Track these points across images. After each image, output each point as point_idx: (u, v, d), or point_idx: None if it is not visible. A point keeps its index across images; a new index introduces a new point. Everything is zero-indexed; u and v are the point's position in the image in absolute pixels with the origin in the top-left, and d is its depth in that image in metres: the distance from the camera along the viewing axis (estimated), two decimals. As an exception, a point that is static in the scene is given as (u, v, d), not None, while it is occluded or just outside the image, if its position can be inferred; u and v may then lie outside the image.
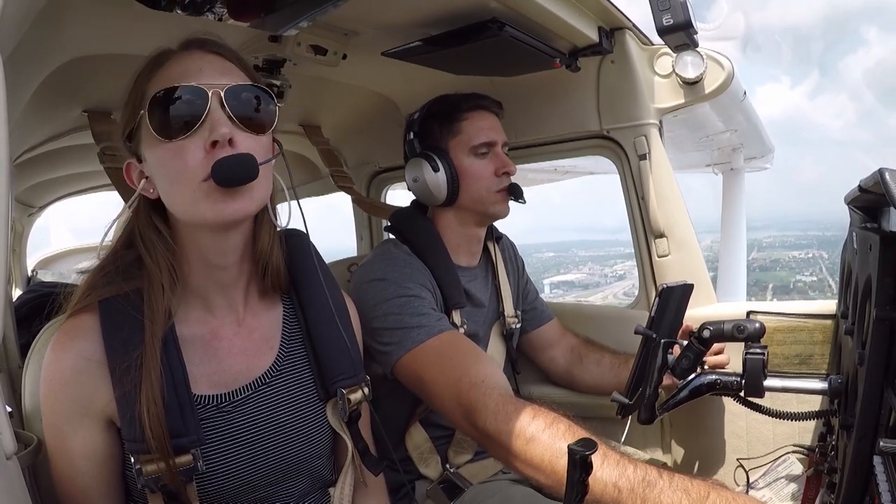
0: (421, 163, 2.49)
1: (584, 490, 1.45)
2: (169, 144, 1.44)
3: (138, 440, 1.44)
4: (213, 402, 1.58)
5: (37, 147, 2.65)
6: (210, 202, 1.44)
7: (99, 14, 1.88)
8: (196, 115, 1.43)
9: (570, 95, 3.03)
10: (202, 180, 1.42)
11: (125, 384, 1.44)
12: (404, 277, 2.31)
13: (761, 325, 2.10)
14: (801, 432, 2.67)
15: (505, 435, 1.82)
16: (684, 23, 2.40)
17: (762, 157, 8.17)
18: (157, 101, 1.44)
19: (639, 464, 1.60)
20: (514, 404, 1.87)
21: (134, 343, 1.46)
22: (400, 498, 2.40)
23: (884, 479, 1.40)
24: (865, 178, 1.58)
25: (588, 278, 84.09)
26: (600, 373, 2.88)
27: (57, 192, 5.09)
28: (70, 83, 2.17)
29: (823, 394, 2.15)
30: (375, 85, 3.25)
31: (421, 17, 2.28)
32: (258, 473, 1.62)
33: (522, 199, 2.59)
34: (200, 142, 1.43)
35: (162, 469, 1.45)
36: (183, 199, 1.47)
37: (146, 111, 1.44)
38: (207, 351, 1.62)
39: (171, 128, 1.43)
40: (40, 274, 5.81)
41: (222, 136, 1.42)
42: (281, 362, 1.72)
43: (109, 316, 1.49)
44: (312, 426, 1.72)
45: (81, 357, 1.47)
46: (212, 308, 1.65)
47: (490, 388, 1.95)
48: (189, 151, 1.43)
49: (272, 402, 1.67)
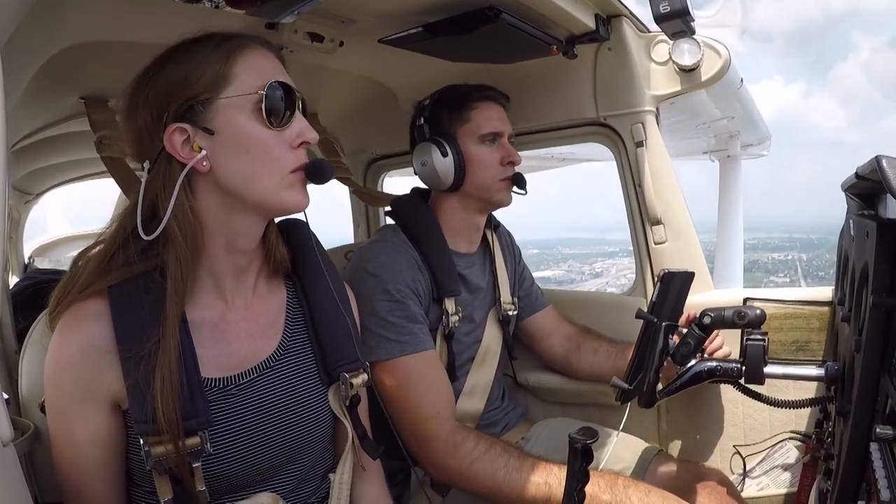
0: (430, 147, 2.53)
1: (586, 479, 1.46)
2: (270, 131, 1.55)
3: (149, 422, 1.44)
4: (219, 384, 1.59)
5: (34, 134, 2.64)
6: (293, 192, 1.59)
7: (96, 1, 1.87)
8: (291, 111, 1.58)
9: (566, 83, 3.03)
10: (290, 171, 1.57)
11: (140, 367, 1.44)
12: (394, 276, 2.34)
13: (762, 311, 2.10)
14: (797, 419, 2.68)
15: (453, 461, 2.23)
16: (681, 10, 2.40)
17: (759, 143, 8.18)
18: (273, 89, 1.55)
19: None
20: (462, 434, 2.27)
21: (151, 325, 1.47)
22: (397, 483, 2.42)
23: (880, 466, 1.41)
24: (862, 166, 1.59)
25: (565, 275, 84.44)
26: (597, 361, 2.90)
27: (54, 179, 5.07)
28: (67, 70, 2.16)
29: (820, 380, 2.15)
30: (372, 72, 3.24)
31: (418, 4, 2.27)
32: (262, 456, 1.62)
33: (525, 189, 2.65)
34: (288, 136, 1.58)
35: (171, 451, 1.45)
36: (268, 182, 1.56)
37: (265, 94, 1.53)
38: (215, 334, 1.62)
39: (278, 116, 1.55)
40: (37, 261, 5.82)
41: (313, 140, 1.62)
42: (285, 346, 1.73)
43: (121, 300, 1.49)
44: (315, 409, 1.73)
45: (89, 340, 1.47)
46: (222, 291, 1.66)
47: (443, 421, 2.28)
48: (283, 142, 1.57)
49: (276, 385, 1.68)
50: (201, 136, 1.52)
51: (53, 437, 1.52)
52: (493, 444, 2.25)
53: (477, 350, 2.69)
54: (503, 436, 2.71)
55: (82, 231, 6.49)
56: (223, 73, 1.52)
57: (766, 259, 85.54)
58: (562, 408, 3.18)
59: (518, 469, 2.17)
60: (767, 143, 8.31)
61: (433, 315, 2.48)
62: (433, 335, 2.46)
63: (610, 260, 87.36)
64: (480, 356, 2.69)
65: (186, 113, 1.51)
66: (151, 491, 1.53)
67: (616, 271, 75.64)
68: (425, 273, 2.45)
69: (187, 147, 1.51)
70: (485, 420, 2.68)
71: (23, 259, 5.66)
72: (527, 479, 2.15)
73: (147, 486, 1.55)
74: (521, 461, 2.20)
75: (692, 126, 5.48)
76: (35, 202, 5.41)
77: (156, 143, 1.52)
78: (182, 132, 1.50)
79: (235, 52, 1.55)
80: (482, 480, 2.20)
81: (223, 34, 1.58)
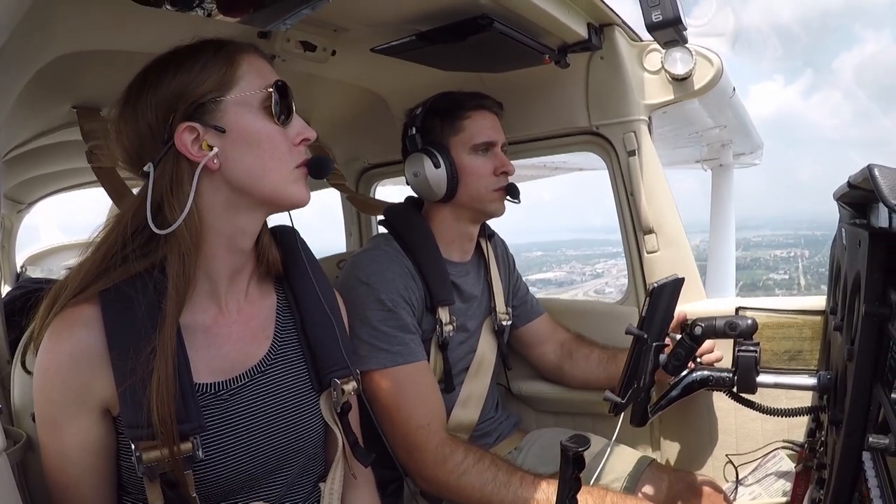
0: (422, 158, 2.51)
1: (577, 486, 1.46)
2: (277, 126, 1.61)
3: (142, 426, 1.43)
4: (211, 389, 1.58)
5: (26, 143, 2.63)
6: (297, 186, 1.65)
7: (88, 10, 1.87)
8: (291, 110, 1.64)
9: (559, 92, 3.03)
10: (296, 166, 1.63)
11: (135, 370, 1.43)
12: (387, 285, 2.33)
13: (753, 321, 2.10)
14: (790, 428, 2.68)
15: (441, 472, 2.22)
16: (673, 19, 2.40)
17: (751, 153, 8.21)
18: (279, 87, 1.60)
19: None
20: (451, 446, 2.25)
21: (147, 327, 1.47)
22: (389, 494, 2.42)
23: (873, 475, 1.41)
24: (854, 175, 1.59)
25: (567, 276, 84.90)
26: (589, 368, 2.90)
27: (46, 189, 5.05)
28: (59, 79, 2.16)
29: (813, 390, 2.16)
30: (365, 81, 3.24)
31: (410, 13, 2.28)
32: (254, 462, 1.62)
33: (518, 199, 2.65)
34: (291, 133, 1.64)
35: (164, 456, 1.44)
36: (277, 176, 1.61)
37: (275, 91, 1.59)
38: (207, 337, 1.62)
39: (284, 113, 1.62)
40: (29, 270, 5.79)
41: (312, 137, 1.68)
42: (275, 351, 1.73)
43: (113, 304, 1.49)
44: (306, 415, 1.73)
45: (80, 346, 1.46)
46: (217, 294, 1.66)
47: (434, 433, 2.26)
48: (287, 138, 1.63)
49: (268, 390, 1.68)
50: (211, 135, 1.53)
51: (43, 444, 1.51)
52: (482, 458, 2.24)
53: (472, 360, 2.69)
54: (496, 446, 2.72)
55: (75, 240, 6.46)
56: (229, 74, 1.56)
57: (767, 256, 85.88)
58: (554, 417, 3.18)
59: (506, 483, 2.17)
60: (759, 152, 8.33)
61: (427, 324, 2.47)
62: (427, 345, 2.46)
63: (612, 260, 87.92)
64: (475, 366, 2.68)
65: (195, 112, 1.53)
66: (142, 498, 1.52)
67: (617, 272, 76.05)
68: (418, 282, 2.44)
69: (196, 146, 1.52)
70: (479, 430, 2.67)
71: (15, 268, 5.65)
72: (514, 493, 2.15)
73: (137, 492, 1.55)
74: (509, 475, 2.19)
75: (684, 135, 5.48)
76: (27, 211, 5.40)
77: (159, 145, 1.52)
78: (192, 131, 1.51)
79: (237, 55, 1.58)
80: (470, 493, 2.19)
81: (219, 40, 1.60)
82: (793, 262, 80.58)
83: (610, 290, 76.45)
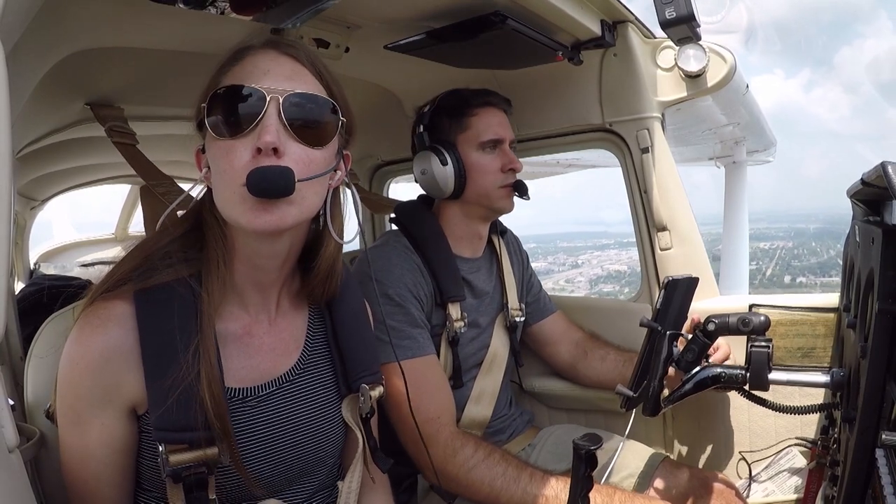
0: (429, 156, 2.53)
1: (590, 485, 1.46)
2: (220, 142, 1.43)
3: (171, 429, 1.42)
4: (238, 395, 1.58)
5: (39, 140, 2.65)
6: (244, 208, 1.41)
7: (102, 7, 1.88)
8: (250, 117, 1.41)
9: (572, 89, 3.03)
10: (241, 185, 1.38)
11: (172, 372, 1.41)
12: (395, 280, 2.35)
13: (766, 318, 2.09)
14: (803, 425, 2.68)
15: (451, 466, 2.23)
16: (687, 16, 2.40)
17: (765, 150, 8.18)
18: (217, 98, 1.44)
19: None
20: (461, 440, 2.28)
21: (183, 330, 1.45)
22: (403, 490, 2.42)
23: (886, 472, 1.41)
24: (868, 172, 1.58)
25: (548, 267, 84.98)
26: (605, 369, 2.89)
27: (59, 186, 5.08)
28: (73, 76, 2.17)
29: (826, 387, 2.14)
30: (378, 78, 3.25)
31: (423, 10, 2.28)
32: (276, 469, 1.62)
33: (527, 195, 2.63)
34: (250, 145, 1.40)
35: (196, 457, 1.43)
36: (223, 198, 1.45)
37: (206, 105, 1.44)
38: (238, 346, 1.61)
39: (226, 126, 1.42)
40: (43, 267, 5.81)
41: (265, 145, 1.38)
42: (305, 361, 1.72)
43: (148, 304, 1.47)
44: (330, 424, 1.73)
45: (112, 344, 1.44)
46: (247, 305, 1.64)
47: (443, 425, 2.29)
48: (237, 153, 1.41)
49: (294, 399, 1.67)
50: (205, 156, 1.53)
51: (64, 439, 1.49)
52: (492, 452, 2.25)
53: (484, 356, 2.69)
54: (510, 443, 2.72)
55: (88, 237, 6.49)
56: (215, 86, 1.48)
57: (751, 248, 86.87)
58: (567, 414, 3.18)
59: (516, 479, 2.17)
60: (773, 149, 8.31)
61: (437, 320, 2.48)
62: (437, 340, 2.47)
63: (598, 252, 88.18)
64: (488, 362, 2.68)
65: (200, 132, 1.52)
66: (160, 497, 1.52)
67: (597, 262, 76.08)
68: (428, 278, 2.45)
69: (203, 159, 1.52)
70: (492, 427, 2.67)
71: (28, 265, 5.67)
72: (524, 489, 2.15)
73: (156, 492, 1.54)
74: (519, 471, 2.19)
75: (698, 132, 5.48)
76: (41, 208, 5.41)
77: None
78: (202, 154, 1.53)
79: (230, 66, 1.50)
80: (479, 488, 2.20)
81: (248, 46, 1.53)
82: (771, 255, 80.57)
83: (580, 280, 76.23)
